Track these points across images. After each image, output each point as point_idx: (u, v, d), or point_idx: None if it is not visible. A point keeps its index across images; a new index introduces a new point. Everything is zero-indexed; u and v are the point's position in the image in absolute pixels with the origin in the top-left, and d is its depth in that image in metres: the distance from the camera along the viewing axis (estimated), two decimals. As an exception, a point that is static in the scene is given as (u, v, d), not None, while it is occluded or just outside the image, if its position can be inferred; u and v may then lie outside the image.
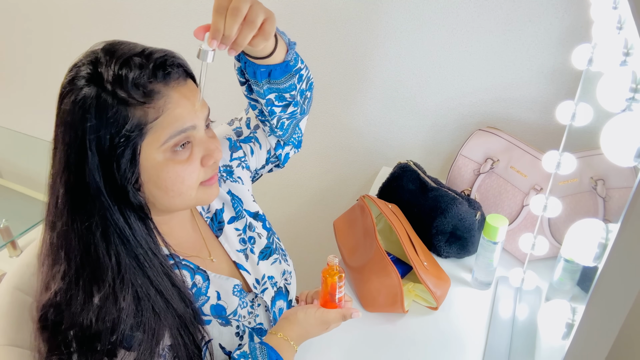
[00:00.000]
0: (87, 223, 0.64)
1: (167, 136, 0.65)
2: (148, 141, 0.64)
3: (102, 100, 0.62)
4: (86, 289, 0.64)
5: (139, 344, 0.65)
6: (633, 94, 0.43)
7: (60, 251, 0.66)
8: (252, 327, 0.82)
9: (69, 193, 0.65)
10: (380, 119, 1.47)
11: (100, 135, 0.62)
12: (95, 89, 0.62)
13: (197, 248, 0.82)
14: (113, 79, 0.62)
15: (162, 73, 0.64)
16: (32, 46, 2.00)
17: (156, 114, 0.64)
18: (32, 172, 2.46)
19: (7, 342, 0.76)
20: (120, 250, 0.66)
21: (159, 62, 0.65)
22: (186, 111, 0.66)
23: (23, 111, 2.24)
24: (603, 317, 0.44)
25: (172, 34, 1.65)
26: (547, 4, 1.13)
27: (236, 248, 0.87)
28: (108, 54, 0.64)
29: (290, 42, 0.82)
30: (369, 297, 1.01)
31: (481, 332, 0.97)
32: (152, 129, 0.64)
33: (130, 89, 0.62)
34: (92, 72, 0.63)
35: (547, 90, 1.23)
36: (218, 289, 0.80)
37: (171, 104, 0.65)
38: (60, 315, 0.65)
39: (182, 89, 0.67)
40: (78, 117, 0.62)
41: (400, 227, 1.05)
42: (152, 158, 0.65)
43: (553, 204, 0.93)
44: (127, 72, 0.62)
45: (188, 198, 0.71)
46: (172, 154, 0.67)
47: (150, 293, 0.67)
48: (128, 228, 0.66)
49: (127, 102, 0.62)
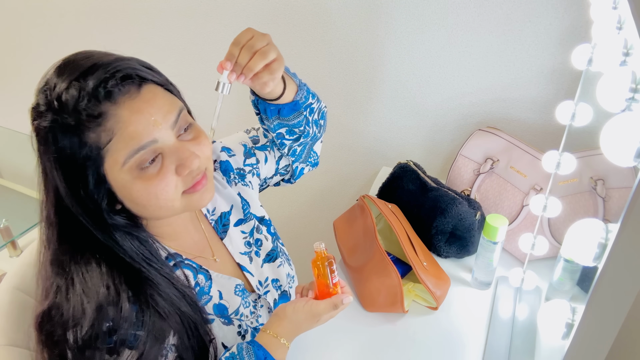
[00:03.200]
0: (78, 244, 0.66)
1: (124, 157, 0.62)
2: (109, 164, 0.62)
3: (56, 129, 0.61)
4: (81, 303, 0.64)
5: (142, 344, 0.65)
6: (633, 94, 0.44)
7: (54, 267, 0.66)
8: (254, 327, 0.82)
9: (57, 212, 0.66)
10: (380, 119, 1.47)
11: (62, 163, 0.62)
12: (50, 117, 0.61)
13: (200, 248, 0.82)
14: (58, 106, 0.60)
15: (104, 93, 0.60)
16: (32, 46, 2.00)
17: (108, 137, 0.60)
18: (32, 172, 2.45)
19: (7, 342, 0.76)
20: (113, 265, 0.66)
21: (98, 82, 0.60)
22: (141, 127, 0.62)
23: (23, 111, 2.24)
24: (603, 317, 0.44)
25: (173, 34, 1.65)
26: (547, 4, 1.13)
27: (240, 250, 0.87)
28: (56, 75, 0.62)
29: (301, 83, 0.85)
30: (369, 297, 1.01)
31: (481, 332, 0.97)
32: (109, 151, 0.61)
33: (72, 114, 0.59)
34: (47, 98, 0.61)
35: (547, 90, 1.23)
36: (220, 288, 0.80)
37: (121, 123, 0.61)
38: (55, 327, 0.65)
39: (133, 104, 0.62)
40: (41, 144, 0.63)
41: (399, 228, 1.05)
42: (120, 178, 0.64)
43: (553, 204, 0.93)
44: (67, 97, 0.59)
45: (172, 209, 0.68)
46: (140, 172, 0.63)
47: (152, 300, 0.67)
48: (116, 244, 0.67)
49: (76, 128, 0.60)
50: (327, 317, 0.74)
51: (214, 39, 1.58)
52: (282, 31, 1.46)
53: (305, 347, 0.94)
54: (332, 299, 0.72)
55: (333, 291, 0.74)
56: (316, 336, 0.96)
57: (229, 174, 0.91)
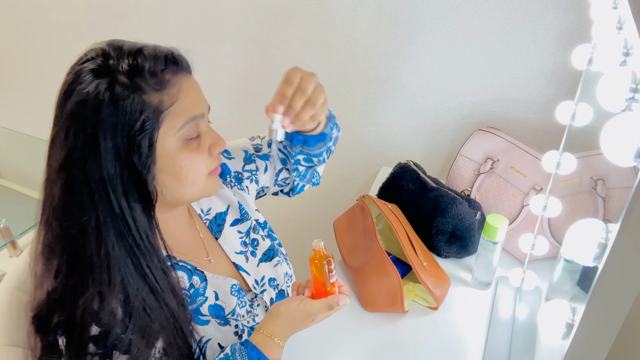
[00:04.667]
0: (85, 219, 0.63)
1: (182, 122, 0.67)
2: (164, 128, 0.66)
3: (117, 91, 0.62)
4: (77, 289, 0.64)
5: (130, 345, 0.65)
6: (633, 94, 0.44)
7: (54, 250, 0.65)
8: (250, 327, 0.82)
9: (68, 190, 0.64)
10: (380, 119, 1.47)
11: (117, 126, 0.62)
12: (106, 81, 0.62)
13: (195, 249, 0.82)
14: (128, 69, 0.63)
15: (172, 63, 0.67)
16: (32, 46, 2.00)
17: (171, 101, 0.66)
18: (32, 172, 2.46)
19: (7, 342, 0.76)
20: (116, 247, 0.64)
21: (168, 53, 0.68)
22: (195, 100, 0.70)
23: (23, 111, 2.24)
24: (603, 317, 0.44)
25: (173, 34, 1.65)
26: (547, 4, 1.13)
27: (235, 250, 0.87)
28: (116, 48, 0.66)
29: (330, 114, 0.88)
30: (369, 297, 1.01)
31: (481, 332, 0.97)
32: (168, 115, 0.66)
33: (147, 76, 0.64)
34: (101, 65, 0.64)
35: (547, 90, 1.23)
36: (216, 289, 0.80)
37: (183, 92, 0.67)
38: (51, 314, 0.65)
39: (189, 80, 0.70)
40: (88, 112, 0.62)
41: (399, 228, 1.05)
42: (168, 146, 0.67)
43: (553, 204, 0.93)
44: (142, 61, 0.64)
45: (199, 187, 0.73)
46: (185, 143, 0.69)
47: (143, 292, 0.66)
48: (132, 220, 0.66)
49: (144, 90, 0.64)
50: (321, 317, 0.73)
51: (213, 38, 1.58)
52: (282, 31, 1.46)
53: (305, 347, 0.94)
54: (327, 299, 0.71)
55: (330, 290, 0.72)
56: (316, 336, 0.96)
57: (225, 176, 0.92)
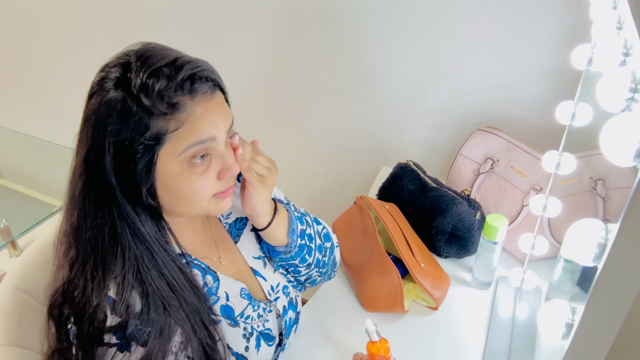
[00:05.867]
0: (101, 215, 0.66)
1: (184, 146, 0.65)
2: (165, 150, 0.65)
3: (127, 106, 0.62)
4: (93, 279, 0.65)
5: (148, 337, 0.66)
6: (632, 94, 0.44)
7: (73, 240, 0.67)
8: (260, 331, 0.82)
9: (86, 186, 0.66)
10: (380, 119, 1.47)
11: (120, 139, 0.63)
12: (122, 93, 0.63)
13: (207, 250, 0.82)
14: (140, 87, 0.62)
15: (189, 87, 0.64)
16: (32, 47, 2.00)
17: (176, 125, 0.64)
18: (32, 172, 2.46)
19: (7, 342, 0.76)
20: (132, 245, 0.67)
21: (187, 75, 0.64)
22: (207, 124, 0.66)
23: (23, 111, 2.24)
24: (603, 317, 0.44)
25: (174, 35, 1.65)
26: (547, 4, 1.13)
27: (253, 255, 0.87)
28: (140, 59, 0.64)
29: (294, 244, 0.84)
30: (369, 297, 1.01)
31: (481, 332, 0.97)
32: (171, 138, 0.64)
33: (155, 99, 0.62)
34: (121, 76, 0.64)
35: (547, 90, 1.23)
36: (227, 290, 0.80)
37: (193, 117, 0.65)
38: (65, 304, 0.66)
39: (207, 104, 0.67)
40: (101, 117, 0.63)
41: (395, 229, 1.05)
42: (169, 167, 0.66)
43: (553, 204, 0.93)
44: (154, 82, 0.62)
45: (199, 208, 0.71)
46: (189, 165, 0.67)
47: (161, 287, 0.68)
48: (141, 226, 0.67)
49: (150, 112, 0.63)
50: None
51: (214, 39, 1.58)
52: (282, 31, 1.47)
53: (305, 347, 0.94)
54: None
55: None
56: (316, 336, 0.96)
57: None
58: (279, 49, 1.51)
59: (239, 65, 1.60)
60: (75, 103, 0.68)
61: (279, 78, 1.57)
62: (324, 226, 0.94)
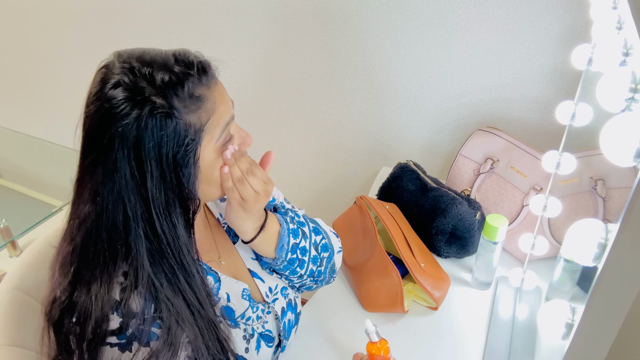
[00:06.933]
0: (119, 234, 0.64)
1: (217, 134, 0.68)
2: (204, 143, 0.67)
3: (158, 117, 0.61)
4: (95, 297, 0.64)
5: (158, 352, 0.65)
6: (632, 94, 0.44)
7: (79, 256, 0.65)
8: (260, 332, 0.82)
9: (106, 207, 0.63)
10: (380, 119, 1.47)
11: (162, 152, 0.62)
12: (148, 107, 0.60)
13: (207, 249, 0.82)
14: (164, 91, 0.61)
15: (205, 78, 0.67)
16: (32, 47, 2.00)
17: (208, 116, 0.66)
18: (32, 172, 2.46)
19: (7, 342, 0.76)
20: (155, 261, 0.65)
21: (198, 64, 0.66)
22: (226, 106, 0.70)
23: (23, 111, 2.24)
24: (603, 317, 0.44)
25: (173, 35, 1.65)
26: (547, 4, 1.13)
27: (251, 256, 0.87)
28: (145, 64, 0.63)
29: (282, 259, 0.82)
30: (369, 297, 1.01)
31: (481, 332, 0.97)
32: (206, 130, 0.66)
33: (184, 97, 0.63)
34: (134, 88, 0.61)
35: (547, 90, 1.23)
36: (228, 291, 0.80)
37: (215, 103, 0.67)
38: (64, 315, 0.65)
39: (218, 87, 0.69)
40: (133, 141, 0.60)
41: (395, 229, 1.05)
42: (209, 158, 0.68)
43: (553, 204, 0.93)
44: (176, 80, 0.63)
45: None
46: (220, 150, 0.70)
47: (177, 304, 0.67)
48: (174, 238, 0.66)
49: (183, 112, 0.63)
50: None
51: (213, 39, 1.58)
52: (282, 31, 1.47)
53: (305, 348, 0.94)
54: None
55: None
56: (316, 336, 0.96)
57: None
58: (279, 49, 1.51)
59: (239, 65, 1.60)
60: (76, 103, 0.67)
61: (279, 78, 1.57)
62: (324, 235, 0.89)
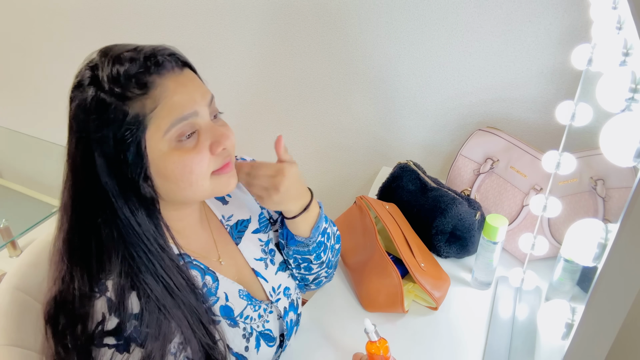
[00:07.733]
0: (92, 223, 0.66)
1: (168, 124, 0.65)
2: (150, 132, 0.65)
3: (100, 99, 0.63)
4: (87, 286, 0.65)
5: (146, 338, 0.65)
6: (632, 94, 0.44)
7: (66, 247, 0.67)
8: (259, 331, 0.82)
9: (75, 196, 0.67)
10: (380, 119, 1.47)
11: (104, 135, 0.64)
12: (94, 90, 0.64)
13: (206, 250, 0.82)
14: (108, 77, 0.64)
15: (154, 63, 0.65)
16: (31, 47, 2.00)
17: (154, 104, 0.64)
18: (32, 172, 2.46)
19: (7, 342, 0.76)
20: (127, 246, 0.67)
21: (149, 53, 0.66)
22: (185, 98, 0.66)
23: (23, 111, 2.24)
24: (603, 317, 0.44)
25: (173, 35, 1.65)
26: (547, 4, 1.13)
27: (255, 256, 0.87)
28: (103, 55, 0.66)
29: (314, 239, 0.85)
30: (369, 297, 1.01)
31: (481, 332, 0.97)
32: (152, 119, 0.64)
33: (124, 82, 0.63)
34: (91, 75, 0.65)
35: (547, 90, 1.23)
36: (226, 290, 0.80)
37: (167, 92, 0.65)
38: (61, 311, 0.66)
39: (178, 78, 0.67)
40: (81, 120, 0.64)
41: (395, 229, 1.05)
42: (158, 149, 0.66)
43: (553, 204, 0.93)
44: (119, 67, 0.64)
45: (202, 189, 0.70)
46: (178, 144, 0.66)
47: (156, 289, 0.67)
48: (137, 225, 0.67)
49: (124, 97, 0.63)
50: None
51: (213, 39, 1.58)
52: (282, 31, 1.47)
53: (305, 347, 0.94)
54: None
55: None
56: (316, 336, 0.96)
57: None
58: (279, 49, 1.51)
59: (238, 65, 1.60)
60: (75, 103, 0.68)
61: (279, 78, 1.57)
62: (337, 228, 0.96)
